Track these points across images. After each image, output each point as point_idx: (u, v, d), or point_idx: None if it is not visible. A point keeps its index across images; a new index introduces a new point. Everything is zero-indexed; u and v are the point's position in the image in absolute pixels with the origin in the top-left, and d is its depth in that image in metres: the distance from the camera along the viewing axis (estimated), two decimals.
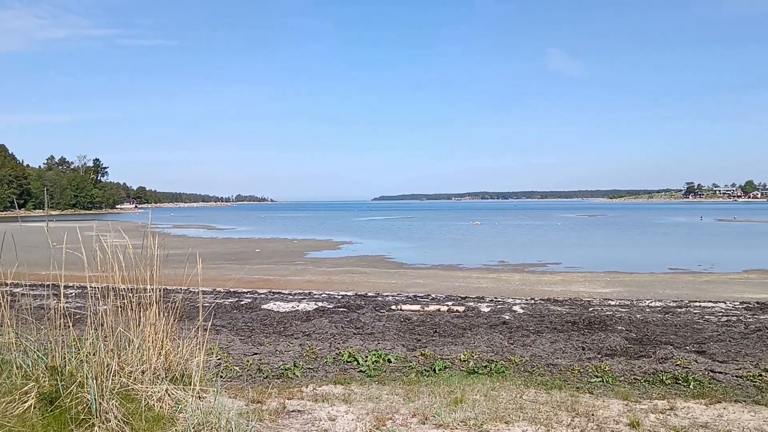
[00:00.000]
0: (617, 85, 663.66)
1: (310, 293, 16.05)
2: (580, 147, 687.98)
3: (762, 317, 11.85)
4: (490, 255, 31.65)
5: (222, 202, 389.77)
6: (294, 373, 7.54)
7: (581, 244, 41.99)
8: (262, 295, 15.37)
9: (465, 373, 7.58)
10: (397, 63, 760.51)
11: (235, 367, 7.75)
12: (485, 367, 7.86)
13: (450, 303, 13.80)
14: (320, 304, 13.82)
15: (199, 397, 5.06)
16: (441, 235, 53.13)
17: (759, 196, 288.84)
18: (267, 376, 7.41)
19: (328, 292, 16.21)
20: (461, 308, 13.01)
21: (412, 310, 12.83)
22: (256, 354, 8.64)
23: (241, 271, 23.13)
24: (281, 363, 8.08)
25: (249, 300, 14.42)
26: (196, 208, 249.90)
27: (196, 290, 6.19)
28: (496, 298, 15.11)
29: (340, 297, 15.06)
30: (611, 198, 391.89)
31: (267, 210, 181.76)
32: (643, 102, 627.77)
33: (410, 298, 15.08)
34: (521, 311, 12.69)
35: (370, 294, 15.83)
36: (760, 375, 7.40)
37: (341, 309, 13.09)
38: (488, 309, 13.01)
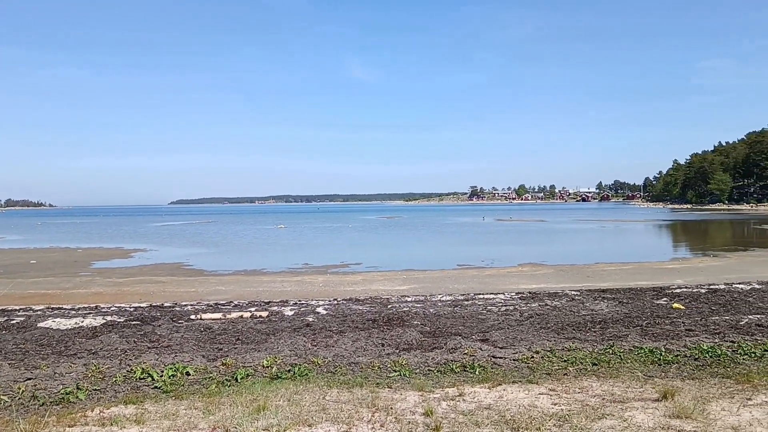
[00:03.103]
0: (407, 93, 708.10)
1: (97, 307, 14.61)
2: (379, 152, 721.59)
3: (533, 305, 13.44)
4: (295, 258, 31.73)
5: None
6: (77, 397, 6.79)
7: (380, 245, 44.02)
8: (39, 312, 13.66)
9: (268, 380, 7.47)
10: (188, 66, 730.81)
11: (2, 397, 6.76)
12: (289, 371, 7.83)
13: (253, 309, 13.54)
14: (109, 318, 12.67)
15: None
16: (244, 239, 51.95)
17: (529, 198, 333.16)
18: (44, 403, 6.58)
19: (118, 305, 14.92)
20: (265, 313, 12.83)
21: (213, 319, 12.34)
22: (30, 379, 7.64)
23: (10, 285, 20.32)
24: (61, 387, 7.24)
25: (22, 318, 12.72)
26: None
27: None
28: (300, 300, 15.16)
29: (132, 309, 13.95)
30: (407, 201, 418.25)
31: (45, 216, 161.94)
32: (427, 111, 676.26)
33: (211, 306, 14.48)
34: (325, 312, 12.88)
35: (166, 304, 14.88)
36: (532, 357, 8.39)
37: (134, 322, 12.14)
38: (292, 312, 13.00)
